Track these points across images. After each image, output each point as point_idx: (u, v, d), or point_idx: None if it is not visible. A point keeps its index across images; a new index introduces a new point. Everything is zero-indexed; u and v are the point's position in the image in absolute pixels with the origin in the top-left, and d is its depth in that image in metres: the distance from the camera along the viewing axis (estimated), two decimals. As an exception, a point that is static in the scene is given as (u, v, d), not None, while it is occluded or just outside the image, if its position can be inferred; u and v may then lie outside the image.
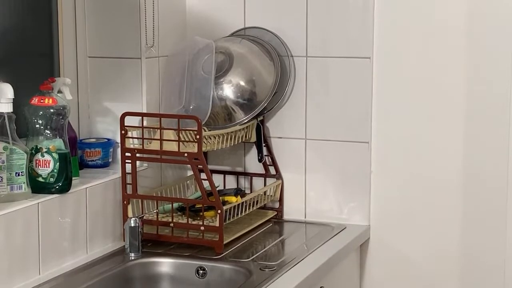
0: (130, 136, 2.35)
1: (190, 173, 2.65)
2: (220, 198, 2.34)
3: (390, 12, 2.51)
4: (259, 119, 2.60)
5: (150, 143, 2.36)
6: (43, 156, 2.10)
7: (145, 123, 2.41)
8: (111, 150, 2.47)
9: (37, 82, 2.14)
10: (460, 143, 2.49)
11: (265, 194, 2.61)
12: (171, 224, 2.34)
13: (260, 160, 2.63)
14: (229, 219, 2.36)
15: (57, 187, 2.12)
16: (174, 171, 2.65)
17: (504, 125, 2.44)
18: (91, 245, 2.26)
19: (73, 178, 2.17)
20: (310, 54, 2.61)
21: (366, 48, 2.53)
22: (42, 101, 2.10)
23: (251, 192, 2.64)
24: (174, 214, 2.36)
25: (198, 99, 2.50)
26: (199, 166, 2.31)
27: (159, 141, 2.31)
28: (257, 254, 2.29)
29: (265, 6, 2.64)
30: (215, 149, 2.49)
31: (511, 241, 2.46)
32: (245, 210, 2.46)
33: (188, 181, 2.65)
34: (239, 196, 2.46)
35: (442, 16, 2.48)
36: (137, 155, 2.35)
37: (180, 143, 2.28)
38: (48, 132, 2.12)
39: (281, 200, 2.65)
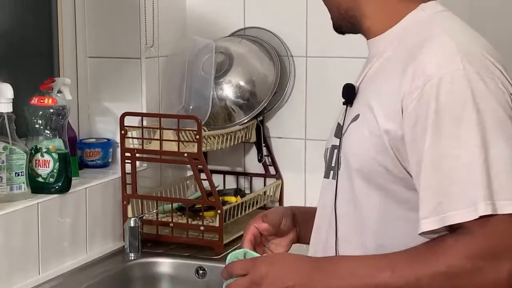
0: (130, 136, 2.35)
1: (190, 173, 2.65)
2: (220, 198, 2.34)
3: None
4: (259, 119, 2.60)
5: (150, 143, 2.36)
6: (43, 156, 2.10)
7: (144, 123, 2.41)
8: (110, 150, 2.47)
9: (37, 82, 2.14)
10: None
11: (265, 194, 2.61)
12: (171, 224, 2.34)
13: (260, 160, 2.62)
14: (229, 219, 2.36)
15: (56, 187, 2.12)
16: (174, 171, 2.65)
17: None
18: (90, 245, 2.26)
19: (72, 178, 2.17)
20: (310, 54, 2.61)
21: (366, 48, 2.52)
22: (42, 101, 2.10)
23: (251, 192, 2.64)
24: (174, 214, 2.36)
25: (198, 99, 2.50)
26: (199, 166, 2.31)
27: (159, 141, 2.31)
28: (257, 254, 2.28)
29: (264, 6, 2.64)
30: (215, 149, 2.49)
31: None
32: (245, 210, 2.45)
33: (188, 181, 2.65)
34: (239, 196, 2.46)
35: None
36: (137, 155, 2.35)
37: (180, 143, 2.28)
38: (48, 132, 2.12)
39: (281, 200, 2.65)
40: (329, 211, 1.41)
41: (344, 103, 1.41)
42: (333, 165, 1.42)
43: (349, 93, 1.40)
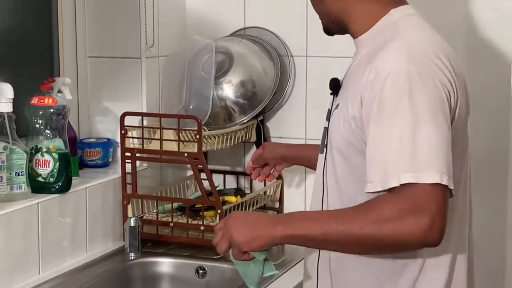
0: (130, 136, 2.36)
1: (190, 173, 2.65)
2: (220, 198, 2.34)
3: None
4: (259, 119, 2.60)
5: (150, 143, 2.36)
6: (43, 156, 2.10)
7: (145, 123, 2.41)
8: (111, 150, 2.47)
9: (37, 82, 2.14)
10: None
11: (265, 194, 2.61)
12: (171, 224, 2.34)
13: (260, 160, 2.63)
14: (229, 219, 2.36)
15: (57, 187, 2.12)
16: (174, 171, 2.65)
17: (503, 125, 2.44)
18: (91, 245, 2.26)
19: (73, 178, 2.17)
20: (310, 54, 2.61)
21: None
22: (42, 101, 2.10)
23: (251, 192, 2.64)
24: (174, 214, 2.36)
25: (198, 99, 2.50)
26: (199, 166, 2.31)
27: (159, 141, 2.31)
28: (257, 254, 2.28)
29: (265, 6, 2.64)
30: (215, 149, 2.49)
31: (511, 240, 2.47)
32: (245, 210, 2.45)
33: (188, 181, 2.65)
34: (239, 196, 2.46)
35: (442, 16, 2.48)
36: (137, 155, 2.35)
37: (180, 143, 2.28)
38: (48, 132, 2.12)
39: (281, 200, 2.65)
40: (321, 181, 1.68)
41: (331, 94, 1.72)
42: (325, 143, 1.69)
43: (335, 86, 1.70)
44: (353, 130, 1.57)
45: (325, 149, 1.69)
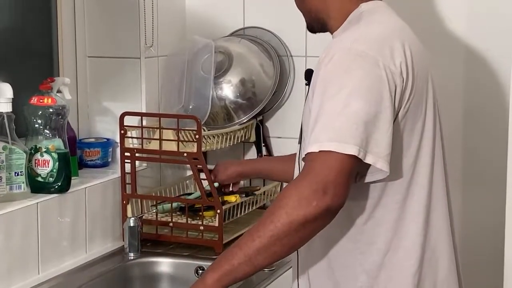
0: (130, 136, 2.36)
1: (189, 173, 2.64)
2: (219, 198, 2.34)
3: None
4: (258, 119, 2.61)
5: (149, 143, 2.36)
6: (42, 156, 2.10)
7: (144, 123, 2.41)
8: (110, 150, 2.47)
9: (37, 82, 2.14)
10: (460, 143, 2.49)
11: (264, 194, 2.61)
12: (171, 224, 2.34)
13: (259, 160, 2.63)
14: (228, 219, 2.36)
15: (56, 186, 2.12)
16: (173, 171, 2.65)
17: (503, 125, 2.43)
18: (90, 245, 2.26)
19: (72, 178, 2.17)
20: (309, 54, 2.61)
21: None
22: (41, 100, 2.10)
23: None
24: (173, 214, 2.36)
25: (197, 99, 2.50)
26: (198, 166, 2.31)
27: (158, 141, 2.31)
28: (256, 254, 2.28)
29: (264, 6, 2.65)
30: (214, 149, 2.49)
31: (510, 240, 2.46)
32: (245, 210, 2.45)
33: (187, 181, 2.65)
34: (238, 196, 2.45)
35: (442, 16, 2.48)
36: (137, 155, 2.35)
37: (180, 143, 2.28)
38: (48, 131, 2.12)
39: (280, 200, 2.64)
40: (298, 171, 1.69)
41: (306, 84, 1.79)
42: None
43: (309, 76, 1.72)
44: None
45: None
